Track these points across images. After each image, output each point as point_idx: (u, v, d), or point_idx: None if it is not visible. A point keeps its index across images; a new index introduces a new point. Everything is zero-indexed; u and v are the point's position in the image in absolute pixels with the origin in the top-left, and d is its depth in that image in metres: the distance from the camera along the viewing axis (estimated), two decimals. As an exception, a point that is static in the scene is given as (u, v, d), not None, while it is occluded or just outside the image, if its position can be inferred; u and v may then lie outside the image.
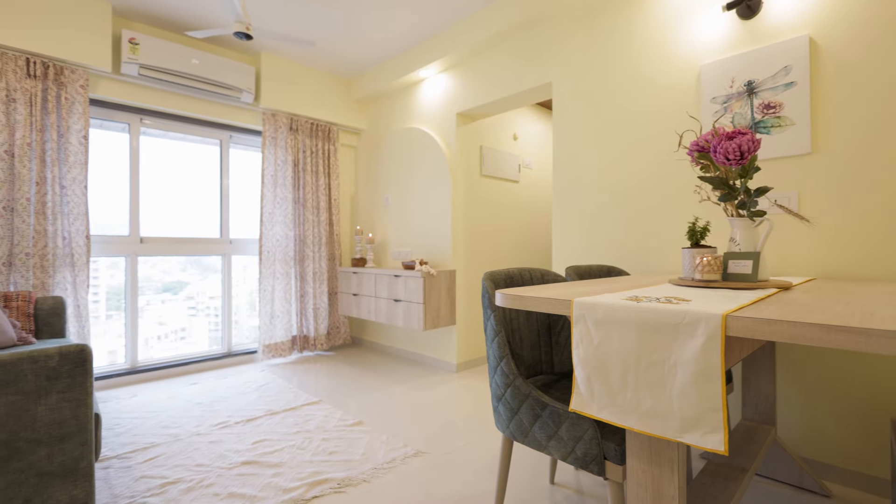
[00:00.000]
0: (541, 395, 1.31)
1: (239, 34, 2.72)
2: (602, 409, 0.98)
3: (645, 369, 0.90)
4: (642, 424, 0.90)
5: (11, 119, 2.58)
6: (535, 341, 1.77)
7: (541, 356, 1.78)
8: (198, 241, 3.62)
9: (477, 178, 3.72)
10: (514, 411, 1.39)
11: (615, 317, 0.95)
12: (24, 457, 1.17)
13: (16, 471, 1.15)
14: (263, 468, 1.93)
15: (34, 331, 2.39)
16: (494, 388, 1.47)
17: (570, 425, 1.22)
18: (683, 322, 0.85)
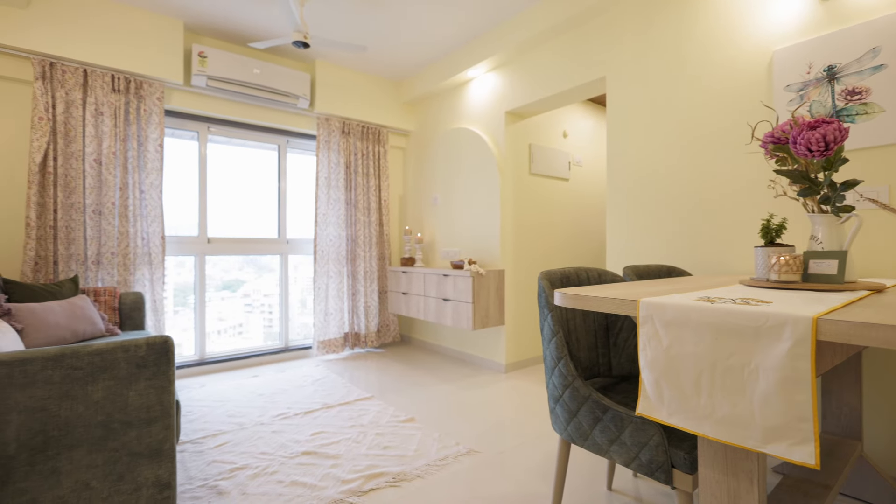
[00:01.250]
0: (602, 397, 1.28)
1: (297, 43, 2.84)
2: (672, 414, 0.94)
3: (722, 374, 0.85)
4: (718, 432, 0.86)
5: (99, 130, 2.83)
6: (592, 343, 1.73)
7: (598, 358, 1.74)
8: (257, 242, 3.81)
9: (526, 176, 3.68)
10: (573, 414, 1.36)
11: (687, 318, 0.91)
12: (118, 437, 1.28)
13: (111, 449, 1.27)
14: (322, 459, 2.00)
15: (119, 323, 2.61)
16: (552, 390, 1.44)
17: (633, 430, 1.18)
18: (766, 325, 0.80)
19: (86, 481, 1.23)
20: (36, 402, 1.18)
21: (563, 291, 1.20)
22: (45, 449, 1.19)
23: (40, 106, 2.64)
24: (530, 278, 3.68)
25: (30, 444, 1.17)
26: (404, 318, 4.57)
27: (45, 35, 2.67)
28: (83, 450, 1.23)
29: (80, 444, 1.23)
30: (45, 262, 2.65)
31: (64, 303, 2.23)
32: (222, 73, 3.24)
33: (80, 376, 1.23)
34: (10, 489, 1.14)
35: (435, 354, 4.02)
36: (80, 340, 2.24)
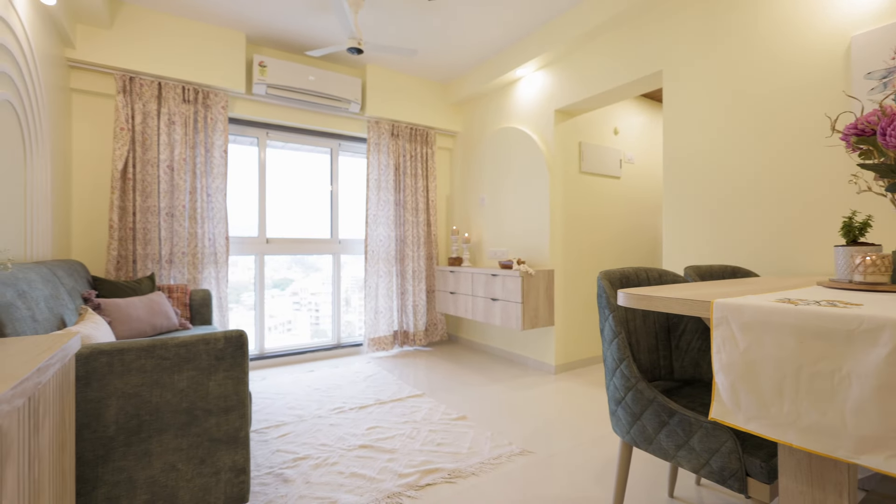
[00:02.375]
0: (668, 401, 1.25)
1: (351, 49, 2.94)
2: (750, 420, 0.91)
3: (808, 379, 0.82)
4: (805, 440, 0.82)
5: (172, 138, 3.06)
6: (653, 345, 1.68)
7: (659, 361, 1.69)
8: (311, 242, 3.97)
9: (575, 175, 3.62)
10: (636, 417, 1.34)
11: (767, 320, 0.88)
12: (200, 423, 1.38)
13: (195, 434, 1.37)
14: (378, 453, 2.06)
15: (189, 318, 2.80)
16: (613, 392, 1.42)
17: (703, 435, 1.14)
18: (860, 328, 0.75)
19: (173, 463, 1.34)
20: (131, 388, 1.29)
21: (627, 292, 1.18)
22: (138, 432, 1.30)
23: (122, 117, 2.88)
24: (580, 279, 3.61)
25: (126, 427, 1.29)
26: (451, 317, 4.61)
27: (126, 52, 2.91)
28: (170, 434, 1.34)
29: (167, 428, 1.34)
30: (125, 261, 2.89)
31: (143, 298, 2.42)
32: (280, 81, 3.41)
33: (168, 366, 1.34)
34: (111, 466, 1.26)
35: (482, 354, 4.03)
36: (157, 333, 2.43)
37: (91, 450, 1.23)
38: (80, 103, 2.92)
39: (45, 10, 2.31)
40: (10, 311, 1.31)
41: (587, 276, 3.67)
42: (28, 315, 1.42)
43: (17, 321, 1.33)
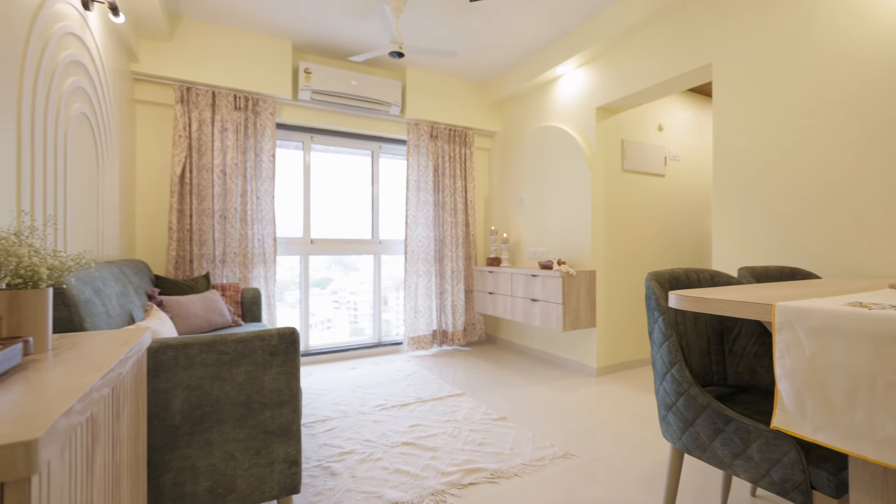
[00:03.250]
0: (723, 407, 1.20)
1: (393, 53, 3.00)
2: (818, 430, 0.86)
3: (884, 389, 0.77)
4: (882, 454, 0.77)
5: (224, 144, 3.22)
6: (705, 349, 1.62)
7: (711, 366, 1.63)
8: (353, 242, 4.07)
9: (618, 173, 3.53)
10: (689, 423, 1.29)
11: (836, 325, 0.83)
12: (256, 416, 1.45)
13: (251, 426, 1.44)
14: (421, 450, 2.09)
15: (241, 315, 2.94)
16: (663, 397, 1.38)
17: (763, 445, 1.10)
18: (946, 336, 0.70)
19: (231, 453, 1.42)
20: (194, 381, 1.38)
21: (679, 293, 1.15)
22: (201, 422, 1.38)
23: (180, 125, 3.06)
24: (623, 280, 3.52)
25: (190, 417, 1.37)
26: (490, 318, 4.60)
27: (184, 64, 3.09)
28: (229, 425, 1.42)
29: (227, 419, 1.42)
30: (183, 261, 3.07)
31: (200, 296, 2.57)
32: (324, 87, 3.51)
33: (228, 360, 1.42)
34: (176, 454, 1.35)
35: (521, 355, 4.00)
36: (213, 329, 2.56)
37: (160, 437, 1.32)
38: (142, 113, 3.12)
39: (114, 27, 2.49)
40: (88, 307, 1.43)
41: (630, 277, 3.57)
42: (103, 311, 1.54)
43: (94, 316, 1.44)
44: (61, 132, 1.74)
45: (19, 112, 1.40)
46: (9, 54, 1.34)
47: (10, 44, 1.35)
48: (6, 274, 0.88)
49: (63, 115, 1.76)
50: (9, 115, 1.34)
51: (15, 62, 1.38)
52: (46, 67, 1.60)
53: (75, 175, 1.91)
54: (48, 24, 1.62)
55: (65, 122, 1.78)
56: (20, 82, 1.41)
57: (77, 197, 1.93)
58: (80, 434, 0.71)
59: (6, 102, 1.32)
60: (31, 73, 1.48)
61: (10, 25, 1.35)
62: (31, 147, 1.47)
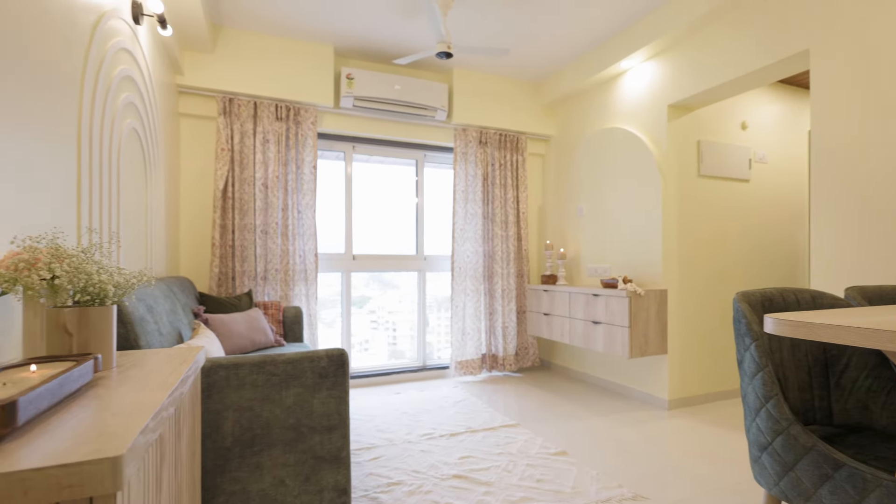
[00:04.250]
0: (832, 450, 1.13)
1: (440, 54, 3.09)
2: (956, 481, 0.80)
3: None
4: None
5: (266, 156, 3.41)
6: (805, 382, 1.54)
7: (813, 401, 1.54)
8: (396, 258, 4.17)
9: (693, 179, 3.42)
10: (788, 467, 1.23)
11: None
12: (305, 440, 1.52)
13: (301, 451, 1.51)
14: (473, 484, 2.09)
15: (283, 335, 3.08)
16: (755, 435, 1.32)
17: (884, 495, 1.02)
18: None
19: (281, 478, 1.48)
20: (245, 402, 1.46)
21: (778, 317, 1.11)
22: (251, 445, 1.46)
23: (223, 138, 3.28)
24: (700, 300, 3.39)
25: (241, 439, 1.45)
26: (544, 341, 4.54)
27: (226, 74, 3.32)
28: (279, 449, 1.49)
29: (276, 443, 1.49)
30: (225, 278, 3.26)
31: (243, 315, 2.71)
32: (366, 93, 3.66)
33: (277, 382, 1.50)
34: (227, 477, 1.43)
35: (580, 383, 3.91)
36: (256, 349, 2.70)
37: (212, 459, 1.41)
38: (186, 126, 3.38)
39: (161, 40, 2.73)
40: (143, 325, 1.55)
41: (709, 297, 3.43)
42: (155, 329, 1.67)
43: (148, 334, 1.57)
44: (115, 148, 1.92)
45: (79, 129, 1.56)
46: (69, 72, 1.51)
47: (70, 62, 1.52)
48: (76, 291, 0.98)
49: (116, 130, 1.94)
50: (70, 133, 1.50)
51: (75, 80, 1.55)
52: (102, 84, 1.78)
53: (126, 191, 2.09)
54: (104, 40, 1.80)
55: (118, 138, 1.96)
56: (80, 100, 1.58)
57: (128, 213, 2.11)
58: (151, 453, 0.78)
59: (67, 120, 1.49)
60: (89, 91, 1.65)
61: (71, 45, 1.52)
62: (88, 164, 1.63)
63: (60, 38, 1.44)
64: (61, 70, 1.44)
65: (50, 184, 1.35)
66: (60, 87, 1.44)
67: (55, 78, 1.40)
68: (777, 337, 1.52)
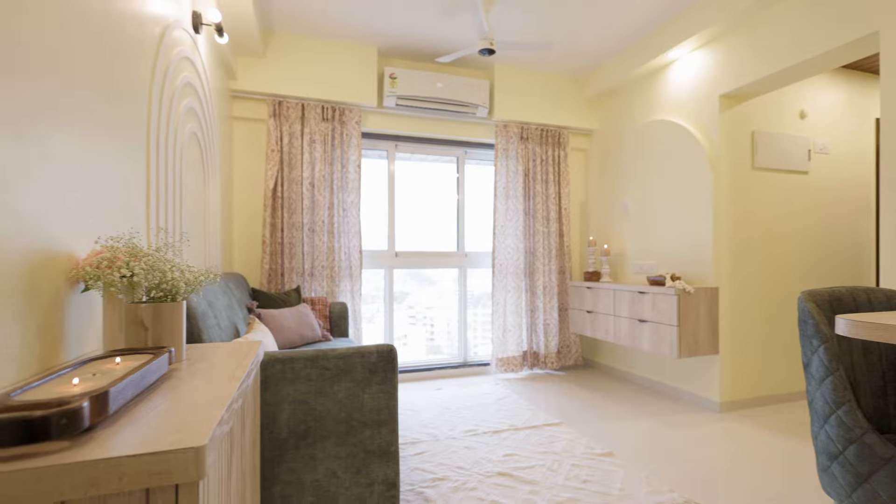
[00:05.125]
0: (913, 462, 1.06)
1: (483, 51, 3.07)
2: None
3: None
4: None
5: (313, 156, 3.50)
6: (879, 387, 1.44)
7: (887, 408, 1.44)
8: (438, 255, 4.18)
9: (747, 171, 3.27)
10: (862, 478, 1.16)
11: None
12: (356, 434, 1.55)
13: (352, 444, 1.54)
14: (518, 482, 2.08)
15: (329, 330, 3.15)
16: (825, 444, 1.25)
17: (975, 513, 0.95)
18: None
19: (333, 470, 1.52)
20: (300, 395, 1.50)
21: (852, 318, 1.04)
22: (305, 437, 1.50)
23: (272, 139, 3.38)
24: (754, 299, 3.23)
25: (296, 431, 1.50)
26: (587, 340, 4.46)
27: (276, 78, 3.42)
28: (331, 441, 1.53)
29: (329, 436, 1.53)
30: (275, 274, 3.37)
31: (293, 310, 2.80)
32: (409, 92, 3.68)
33: (330, 376, 1.53)
34: (284, 467, 1.48)
35: (625, 383, 3.82)
36: (305, 343, 2.78)
37: (269, 449, 1.46)
38: (239, 129, 3.50)
39: (217, 47, 2.84)
40: (205, 320, 1.62)
41: (764, 295, 3.27)
42: (215, 323, 1.74)
43: (209, 328, 1.64)
44: (178, 152, 2.01)
45: (148, 134, 1.64)
46: (140, 81, 1.59)
47: (140, 72, 1.60)
48: (150, 287, 1.04)
49: (179, 135, 2.03)
50: (140, 138, 1.58)
51: (144, 88, 1.63)
52: (167, 91, 1.87)
53: (188, 192, 2.19)
54: (168, 50, 1.89)
55: (181, 142, 2.06)
56: (148, 107, 1.66)
57: (189, 213, 2.21)
58: (224, 443, 0.82)
59: (139, 126, 1.57)
60: (156, 98, 1.73)
61: (141, 56, 1.60)
62: (155, 167, 1.72)
63: (133, 50, 1.52)
64: (133, 79, 1.52)
65: (125, 186, 1.43)
66: (133, 95, 1.52)
67: (129, 87, 1.48)
68: (847, 339, 1.43)
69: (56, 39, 1.05)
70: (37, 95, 0.97)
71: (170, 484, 0.58)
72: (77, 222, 1.12)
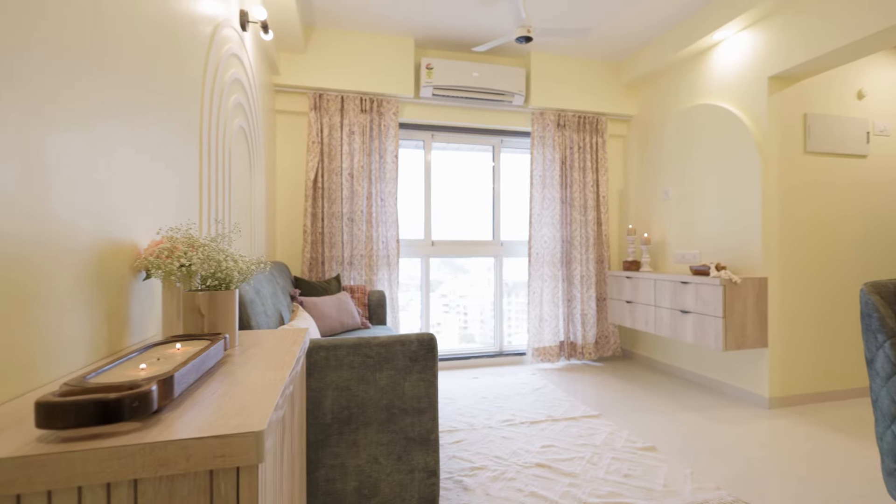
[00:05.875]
0: None
1: (520, 39, 3.01)
2: None
3: None
4: None
5: (352, 148, 3.53)
6: (950, 386, 1.34)
7: (960, 408, 1.34)
8: (473, 244, 4.17)
9: (799, 156, 3.09)
10: (932, 481, 1.08)
11: None
12: (397, 421, 1.57)
13: (393, 431, 1.56)
14: (557, 475, 2.06)
15: (368, 317, 3.20)
16: (890, 445, 1.18)
17: None
18: None
19: (375, 456, 1.55)
20: (343, 381, 1.53)
21: (927, 314, 0.97)
22: (349, 422, 1.53)
23: (313, 132, 3.43)
24: (807, 290, 3.07)
25: (339, 417, 1.53)
26: (626, 330, 4.36)
27: (316, 72, 3.47)
28: (373, 428, 1.55)
29: (371, 422, 1.55)
30: (316, 263, 3.44)
31: (333, 298, 2.85)
32: (445, 82, 3.66)
33: (372, 364, 1.56)
34: (328, 451, 1.52)
35: (666, 375, 3.72)
36: (345, 330, 2.83)
37: (314, 434, 1.50)
38: (281, 122, 3.58)
39: (262, 44, 2.90)
40: (253, 307, 1.67)
41: (819, 286, 3.10)
42: (262, 310, 1.79)
43: (257, 315, 1.69)
44: (227, 146, 2.07)
45: (201, 129, 1.70)
46: (194, 78, 1.64)
47: (194, 70, 1.64)
48: (206, 276, 1.07)
49: (228, 129, 2.09)
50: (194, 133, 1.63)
51: (197, 86, 1.68)
52: (217, 87, 1.92)
53: (236, 184, 2.25)
54: (219, 47, 1.94)
55: (229, 136, 2.11)
56: (201, 102, 1.71)
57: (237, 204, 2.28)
58: (278, 428, 0.84)
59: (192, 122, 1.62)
60: (208, 94, 1.78)
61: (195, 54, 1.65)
62: (208, 159, 1.77)
63: (188, 50, 1.57)
64: (188, 77, 1.57)
65: (181, 179, 1.49)
66: (188, 92, 1.57)
67: (184, 85, 1.53)
68: (915, 334, 1.33)
69: (124, 43, 1.09)
70: (103, 96, 1.01)
71: (232, 466, 0.60)
72: (138, 214, 1.17)
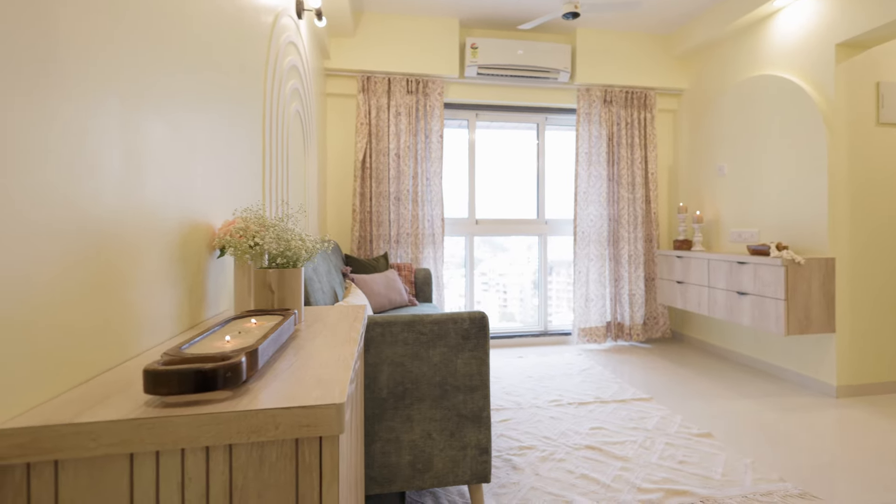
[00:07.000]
0: None
1: (567, 15, 2.89)
2: None
3: None
4: None
5: (398, 128, 3.54)
6: None
7: None
8: (518, 222, 4.12)
9: (871, 128, 2.85)
10: None
11: None
12: (449, 398, 1.58)
13: (446, 408, 1.58)
14: (608, 458, 2.03)
15: (415, 294, 3.24)
16: None
17: None
18: None
19: (429, 432, 1.57)
20: (397, 357, 1.55)
21: None
22: (403, 397, 1.56)
23: (361, 113, 3.46)
24: (882, 272, 2.86)
25: (394, 392, 1.55)
26: (677, 312, 4.22)
27: (364, 55, 3.48)
28: (427, 404, 1.57)
29: (424, 398, 1.57)
30: (364, 241, 3.50)
31: (382, 275, 2.89)
32: (490, 61, 3.58)
33: (425, 340, 1.57)
34: (384, 425, 1.55)
35: (720, 359, 3.58)
36: (393, 307, 2.87)
37: (370, 408, 1.53)
38: (331, 104, 3.63)
39: (315, 30, 2.93)
40: (311, 284, 1.72)
41: (890, 266, 2.88)
42: (319, 287, 1.84)
43: (315, 292, 1.73)
44: (285, 130, 2.11)
45: (263, 114, 1.73)
46: (257, 66, 1.67)
47: (257, 58, 1.68)
48: (275, 255, 1.10)
49: (286, 114, 2.13)
50: (257, 119, 1.67)
51: (260, 74, 1.71)
52: (277, 74, 1.95)
53: (292, 166, 2.31)
54: (278, 36, 1.97)
55: (287, 120, 2.15)
56: (263, 90, 1.75)
57: (294, 185, 2.33)
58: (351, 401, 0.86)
59: (256, 108, 1.65)
60: (269, 82, 1.82)
61: (258, 44, 1.68)
62: (269, 145, 1.82)
63: (253, 40, 1.60)
64: (253, 66, 1.61)
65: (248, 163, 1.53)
66: (253, 81, 1.61)
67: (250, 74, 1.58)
68: None
69: (203, 36, 1.12)
70: (185, 86, 1.04)
71: (315, 436, 0.61)
72: (213, 196, 1.21)
